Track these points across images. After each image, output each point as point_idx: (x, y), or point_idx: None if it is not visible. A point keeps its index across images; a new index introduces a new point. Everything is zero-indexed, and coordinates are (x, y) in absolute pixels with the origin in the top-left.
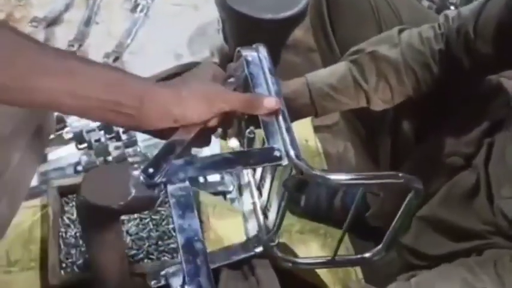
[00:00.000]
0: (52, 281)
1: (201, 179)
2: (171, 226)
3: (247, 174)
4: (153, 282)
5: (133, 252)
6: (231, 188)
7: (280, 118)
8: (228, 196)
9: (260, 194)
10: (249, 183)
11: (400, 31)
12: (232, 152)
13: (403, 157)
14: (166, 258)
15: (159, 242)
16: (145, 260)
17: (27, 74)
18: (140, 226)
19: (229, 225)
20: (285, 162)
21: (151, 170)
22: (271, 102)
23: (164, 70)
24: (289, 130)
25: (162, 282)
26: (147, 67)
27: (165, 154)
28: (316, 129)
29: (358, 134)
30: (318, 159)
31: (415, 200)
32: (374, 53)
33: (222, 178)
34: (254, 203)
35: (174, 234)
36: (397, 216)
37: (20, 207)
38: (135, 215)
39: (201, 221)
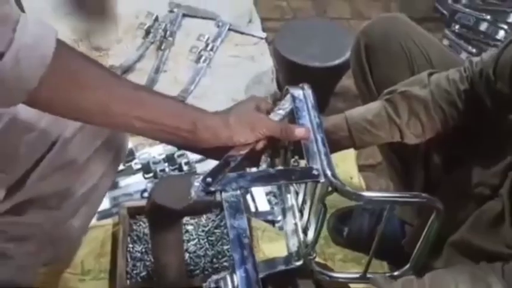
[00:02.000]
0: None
1: (253, 209)
2: (225, 247)
3: (290, 199)
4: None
5: (191, 267)
6: (279, 218)
7: (320, 144)
8: (277, 225)
9: (301, 215)
10: (292, 206)
11: (430, 74)
12: (277, 169)
13: (435, 188)
14: None
15: (214, 260)
16: (201, 275)
17: (107, 101)
18: (198, 245)
19: (277, 247)
20: (322, 179)
21: (209, 180)
22: (301, 131)
23: None
24: (326, 154)
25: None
26: (208, 109)
27: (221, 168)
28: (361, 168)
29: (395, 168)
30: None
31: (436, 219)
32: (406, 92)
33: (272, 208)
34: (296, 224)
35: (227, 254)
36: (422, 237)
37: (91, 222)
38: (194, 235)
39: (252, 245)
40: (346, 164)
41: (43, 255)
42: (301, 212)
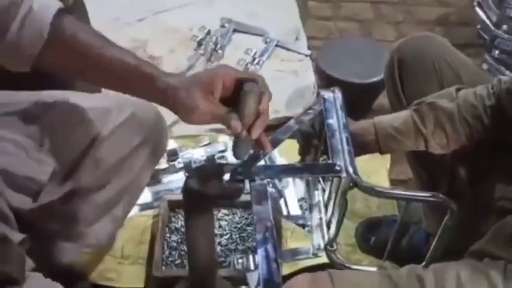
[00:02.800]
0: (155, 273)
1: (285, 212)
2: (255, 243)
3: (318, 195)
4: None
5: (222, 259)
6: (309, 222)
7: (344, 143)
8: (306, 228)
9: (326, 211)
10: (318, 202)
11: (458, 89)
12: (302, 163)
13: (459, 199)
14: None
15: (243, 254)
16: (230, 268)
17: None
18: (230, 240)
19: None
20: (343, 175)
21: (240, 170)
22: (236, 127)
23: None
24: (350, 152)
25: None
26: None
27: (251, 160)
28: (392, 182)
29: (422, 180)
30: (391, 206)
31: (450, 220)
32: (433, 103)
33: (303, 213)
34: (320, 218)
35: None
36: (437, 235)
37: (134, 212)
38: (227, 230)
39: (280, 243)
40: (378, 178)
41: (87, 241)
42: (326, 207)
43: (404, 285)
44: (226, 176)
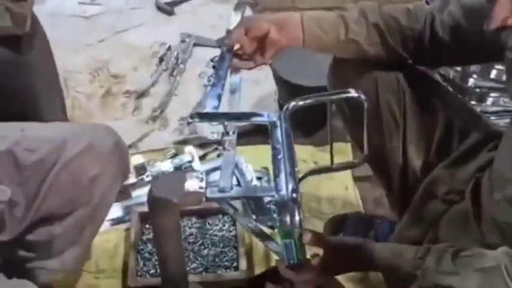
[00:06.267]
0: (131, 283)
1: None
2: (226, 248)
3: None
4: None
5: (195, 265)
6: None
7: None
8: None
9: None
10: None
11: None
12: None
13: (412, 193)
14: (220, 272)
15: (216, 259)
16: (203, 273)
17: None
18: (202, 247)
19: None
20: None
21: None
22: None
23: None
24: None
25: None
26: (214, 127)
27: None
28: (356, 179)
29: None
30: (356, 204)
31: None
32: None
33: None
34: None
35: (228, 254)
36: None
37: (105, 227)
38: (198, 238)
39: None
40: (342, 174)
41: (55, 267)
42: None
43: None
44: (188, 183)
